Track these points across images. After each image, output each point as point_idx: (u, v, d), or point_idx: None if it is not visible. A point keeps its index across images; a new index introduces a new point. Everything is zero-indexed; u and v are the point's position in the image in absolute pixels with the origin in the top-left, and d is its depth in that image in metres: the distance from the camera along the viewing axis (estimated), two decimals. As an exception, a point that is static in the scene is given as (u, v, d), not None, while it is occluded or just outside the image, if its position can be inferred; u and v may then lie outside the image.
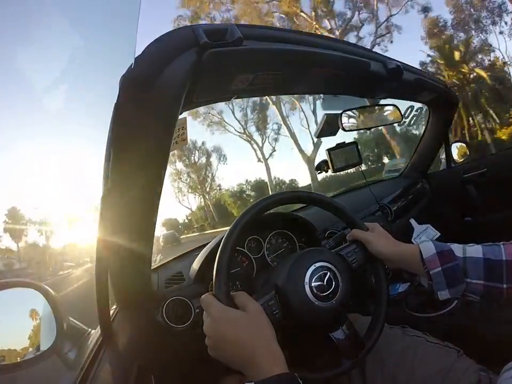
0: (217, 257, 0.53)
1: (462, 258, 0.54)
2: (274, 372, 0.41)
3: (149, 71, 0.39)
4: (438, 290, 0.55)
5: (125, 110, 0.40)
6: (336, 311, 0.56)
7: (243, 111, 17.75)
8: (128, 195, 0.48)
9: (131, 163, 0.45)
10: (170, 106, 0.43)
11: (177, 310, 0.69)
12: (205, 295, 0.50)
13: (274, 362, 0.43)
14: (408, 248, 0.60)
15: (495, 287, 0.52)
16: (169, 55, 0.40)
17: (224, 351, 0.46)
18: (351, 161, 1.04)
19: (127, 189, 0.47)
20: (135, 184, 0.48)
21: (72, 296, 6.53)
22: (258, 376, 0.41)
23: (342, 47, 0.61)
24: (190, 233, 22.68)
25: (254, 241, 0.86)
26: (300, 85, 0.64)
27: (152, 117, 0.42)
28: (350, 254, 0.62)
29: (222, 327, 0.46)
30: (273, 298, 0.55)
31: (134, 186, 0.48)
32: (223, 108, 16.71)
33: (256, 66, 0.50)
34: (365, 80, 0.73)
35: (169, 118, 0.44)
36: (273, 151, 18.55)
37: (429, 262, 0.55)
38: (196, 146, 20.16)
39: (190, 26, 0.42)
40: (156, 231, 0.58)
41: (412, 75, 0.82)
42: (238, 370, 0.45)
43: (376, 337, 0.58)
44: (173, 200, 22.86)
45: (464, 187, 1.41)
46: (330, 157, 1.01)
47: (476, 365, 0.57)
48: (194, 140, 19.72)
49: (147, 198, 0.51)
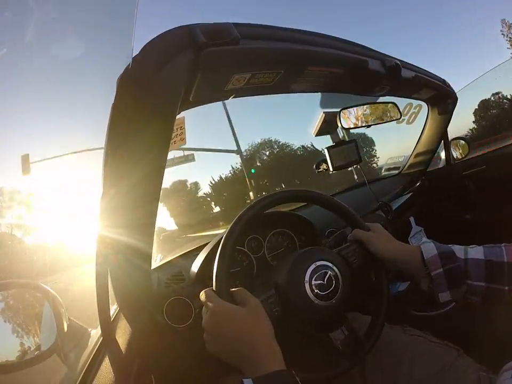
0: (218, 253, 0.53)
1: (463, 260, 0.54)
2: (271, 369, 0.41)
3: (146, 71, 0.39)
4: (439, 292, 0.55)
5: (122, 110, 0.40)
6: (336, 311, 0.56)
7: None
8: (127, 195, 0.48)
9: (129, 163, 0.45)
10: (167, 106, 0.43)
11: (177, 310, 0.69)
12: (205, 290, 0.51)
13: (272, 359, 0.43)
14: (409, 249, 0.60)
15: (496, 288, 0.51)
16: (166, 54, 0.40)
17: (222, 346, 0.46)
18: (350, 159, 1.04)
19: (126, 189, 0.47)
20: (134, 184, 0.48)
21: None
22: (255, 372, 0.41)
23: (339, 45, 0.61)
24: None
25: (254, 241, 0.86)
26: (297, 83, 0.63)
27: (149, 117, 0.42)
28: (351, 254, 0.62)
29: (221, 322, 0.46)
30: (273, 295, 0.55)
31: (132, 186, 0.48)
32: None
33: (253, 65, 0.49)
34: (363, 78, 0.73)
35: (167, 117, 0.44)
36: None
37: (430, 263, 0.55)
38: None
39: (187, 26, 0.41)
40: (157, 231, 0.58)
41: (410, 72, 0.82)
42: (235, 366, 0.44)
43: (376, 338, 0.58)
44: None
45: (463, 184, 1.41)
46: (330, 155, 1.01)
47: (475, 365, 0.57)
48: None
49: (146, 197, 0.51)
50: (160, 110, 0.42)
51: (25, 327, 0.62)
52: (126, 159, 0.44)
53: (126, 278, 0.63)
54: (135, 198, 0.50)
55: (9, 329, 0.62)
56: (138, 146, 0.44)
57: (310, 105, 1.02)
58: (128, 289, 0.67)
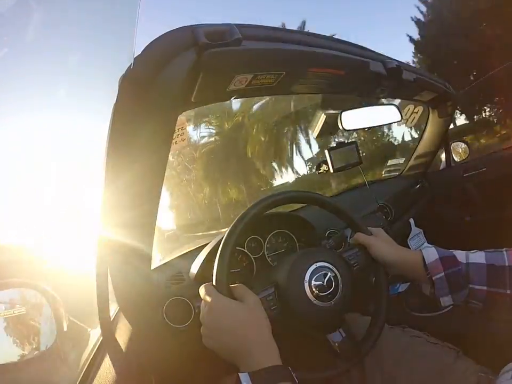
0: (219, 252, 0.53)
1: (465, 264, 0.54)
2: (268, 364, 0.41)
3: (148, 71, 0.39)
4: (441, 296, 0.55)
5: (124, 110, 0.40)
6: (334, 312, 0.56)
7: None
8: (128, 195, 0.48)
9: (131, 163, 0.45)
10: (169, 106, 0.43)
11: (177, 310, 0.69)
12: (205, 285, 0.51)
13: (269, 355, 0.43)
14: (410, 254, 0.60)
15: (498, 293, 0.51)
16: (168, 55, 0.40)
17: (219, 341, 0.46)
18: (351, 161, 1.04)
19: (127, 189, 0.47)
20: (134, 184, 0.48)
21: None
22: (251, 367, 0.41)
23: (341, 47, 0.61)
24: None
25: (254, 241, 0.86)
26: (298, 85, 0.63)
27: (151, 117, 0.42)
28: (352, 257, 0.62)
29: (219, 316, 0.46)
30: (272, 293, 0.55)
31: (133, 186, 0.48)
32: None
33: (255, 66, 0.50)
34: (364, 80, 0.73)
35: (169, 117, 0.44)
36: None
37: (432, 268, 0.55)
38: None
39: (189, 27, 0.42)
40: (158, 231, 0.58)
41: (411, 75, 0.82)
42: (232, 361, 0.45)
43: (374, 341, 0.58)
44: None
45: (464, 186, 1.41)
46: (330, 156, 1.01)
47: (475, 365, 0.56)
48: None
49: (146, 197, 0.51)
50: (162, 110, 0.42)
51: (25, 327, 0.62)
52: (127, 159, 0.44)
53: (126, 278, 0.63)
54: (136, 198, 0.50)
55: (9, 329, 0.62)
56: (140, 146, 0.44)
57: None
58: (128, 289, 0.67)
